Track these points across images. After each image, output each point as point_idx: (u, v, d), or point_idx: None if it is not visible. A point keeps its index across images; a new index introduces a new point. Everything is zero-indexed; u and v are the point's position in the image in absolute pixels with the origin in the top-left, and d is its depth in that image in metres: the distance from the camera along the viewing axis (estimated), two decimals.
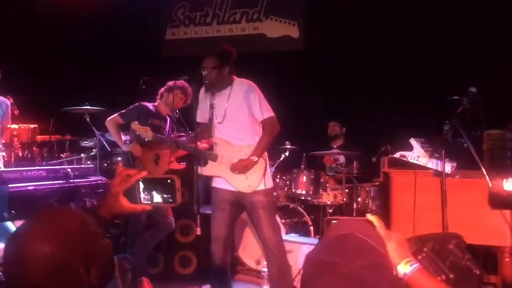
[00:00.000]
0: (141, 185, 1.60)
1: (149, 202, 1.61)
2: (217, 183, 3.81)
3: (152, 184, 1.60)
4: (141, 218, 4.43)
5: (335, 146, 5.95)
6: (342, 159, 5.78)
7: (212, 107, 3.75)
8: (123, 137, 4.64)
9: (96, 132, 5.26)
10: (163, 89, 4.66)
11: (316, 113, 6.43)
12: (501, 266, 3.47)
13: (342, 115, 6.23)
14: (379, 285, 1.24)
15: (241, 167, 3.62)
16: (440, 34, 5.82)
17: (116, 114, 4.54)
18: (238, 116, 3.69)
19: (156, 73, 4.92)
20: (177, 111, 4.81)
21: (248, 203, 3.70)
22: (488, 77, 5.16)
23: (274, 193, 4.83)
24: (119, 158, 5.45)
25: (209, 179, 4.90)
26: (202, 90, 3.85)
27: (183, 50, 7.19)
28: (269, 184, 3.76)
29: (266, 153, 3.76)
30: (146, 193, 1.60)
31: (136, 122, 4.03)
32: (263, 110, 3.68)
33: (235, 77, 3.80)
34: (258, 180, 3.65)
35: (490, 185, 3.32)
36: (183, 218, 4.87)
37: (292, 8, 6.82)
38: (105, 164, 5.53)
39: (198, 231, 3.69)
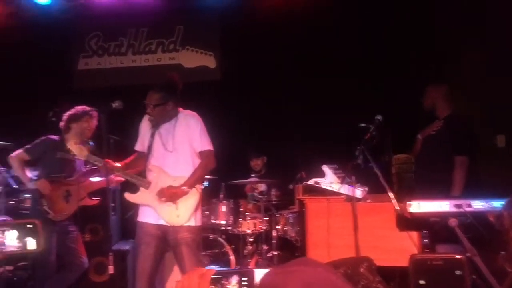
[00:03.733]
0: None
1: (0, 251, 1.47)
2: (142, 217, 3.67)
3: (7, 230, 1.46)
4: (49, 259, 4.15)
5: (253, 175, 5.98)
6: (263, 187, 5.82)
7: (154, 136, 3.67)
8: (31, 174, 4.38)
9: (1, 168, 4.91)
10: (64, 122, 4.40)
11: (234, 142, 6.46)
12: None
13: (261, 143, 6.31)
14: None
15: (169, 193, 3.52)
16: (349, 62, 6.12)
17: (20, 150, 4.28)
18: (181, 148, 3.63)
19: (67, 104, 4.71)
20: (92, 142, 4.61)
21: (172, 239, 3.59)
22: (393, 103, 5.48)
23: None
24: (27, 195, 5.13)
25: (125, 214, 4.74)
26: (146, 118, 3.77)
27: (97, 80, 6.98)
28: (198, 221, 3.68)
29: (200, 188, 3.69)
30: None
31: (72, 141, 3.79)
32: (203, 142, 3.65)
33: (180, 109, 3.74)
34: (188, 212, 3.56)
35: (397, 208, 3.48)
36: (98, 256, 4.65)
37: (209, 38, 6.87)
38: (11, 203, 5.16)
39: (111, 270, 3.53)
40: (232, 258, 5.09)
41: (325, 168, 4.03)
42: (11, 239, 1.49)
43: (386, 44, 5.96)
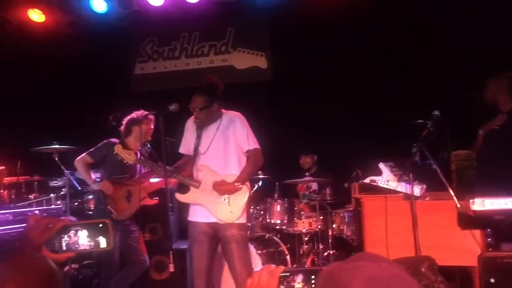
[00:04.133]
0: (65, 232, 1.53)
1: (74, 249, 1.52)
2: (193, 217, 3.77)
3: (79, 229, 1.53)
4: (114, 258, 4.32)
5: (307, 174, 5.98)
6: (315, 186, 5.80)
7: (199, 138, 3.78)
8: (93, 175, 4.57)
9: (66, 171, 5.15)
10: (125, 126, 4.56)
11: (287, 142, 6.46)
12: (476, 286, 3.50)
13: (313, 142, 6.28)
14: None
15: (223, 190, 3.62)
16: (403, 59, 5.98)
17: (84, 154, 4.47)
18: (224, 148, 3.72)
19: (126, 109, 4.88)
20: (149, 146, 4.76)
21: (222, 236, 3.68)
22: (451, 99, 5.31)
23: (249, 224, 4.80)
24: (90, 197, 5.36)
25: (183, 213, 4.86)
26: (190, 120, 3.86)
27: (153, 84, 7.19)
28: (246, 219, 3.81)
29: (249, 186, 3.76)
30: (71, 240, 1.52)
31: (120, 145, 3.97)
32: (250, 141, 3.74)
33: (223, 110, 3.83)
34: (240, 209, 3.64)
35: (458, 206, 3.38)
36: (158, 254, 4.79)
37: (259, 39, 6.92)
38: (76, 204, 5.41)
39: (172, 268, 3.63)
40: (288, 257, 5.10)
41: (381, 165, 3.96)
42: (83, 238, 1.56)
43: (441, 38, 5.78)
